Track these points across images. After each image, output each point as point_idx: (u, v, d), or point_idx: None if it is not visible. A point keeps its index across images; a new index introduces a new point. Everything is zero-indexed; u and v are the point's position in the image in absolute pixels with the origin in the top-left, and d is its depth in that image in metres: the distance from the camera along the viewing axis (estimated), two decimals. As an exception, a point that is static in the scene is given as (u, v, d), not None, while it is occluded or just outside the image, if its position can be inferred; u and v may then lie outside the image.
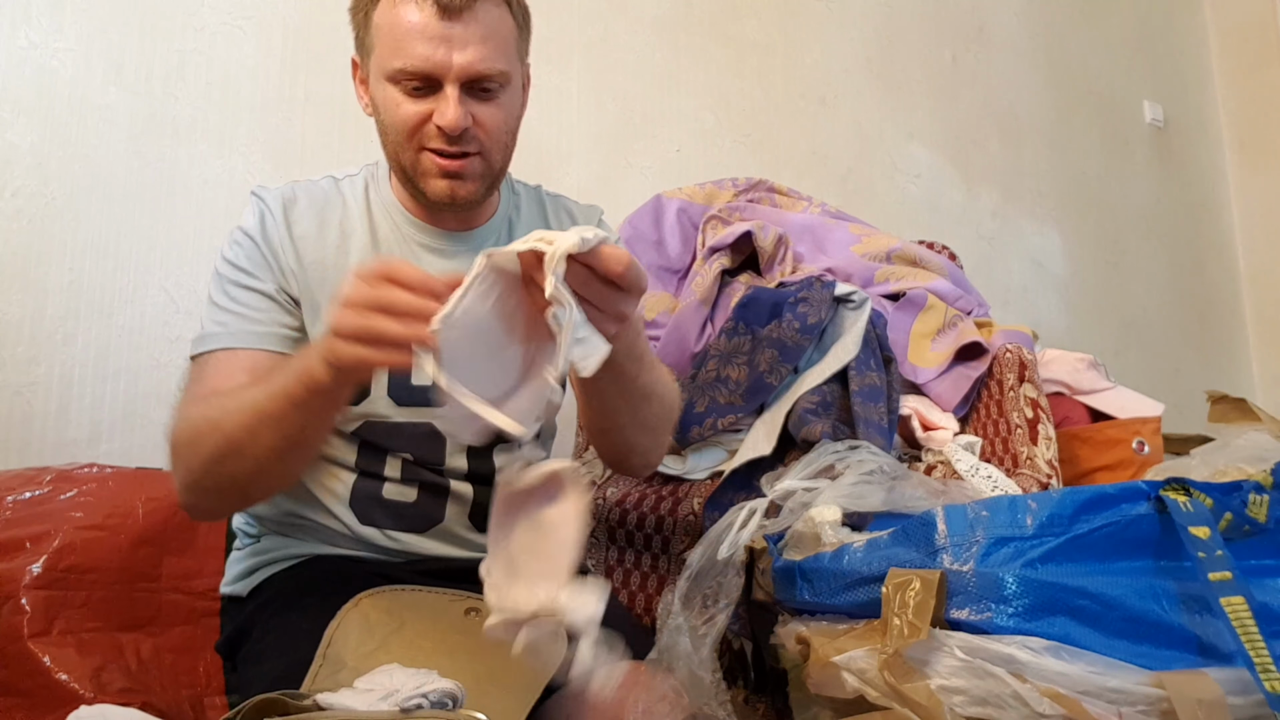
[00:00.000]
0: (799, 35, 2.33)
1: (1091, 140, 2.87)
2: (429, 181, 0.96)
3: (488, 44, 0.92)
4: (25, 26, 1.47)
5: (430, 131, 0.93)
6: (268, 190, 1.01)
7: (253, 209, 1.00)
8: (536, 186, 1.16)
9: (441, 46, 0.90)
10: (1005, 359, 1.46)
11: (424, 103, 0.93)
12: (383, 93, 0.94)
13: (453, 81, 0.91)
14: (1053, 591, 0.75)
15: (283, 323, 0.96)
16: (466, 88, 0.93)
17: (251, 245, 0.97)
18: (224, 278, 0.97)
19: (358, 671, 0.74)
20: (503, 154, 0.99)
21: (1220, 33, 3.25)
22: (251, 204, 1.00)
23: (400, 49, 0.91)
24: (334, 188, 1.04)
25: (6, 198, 1.43)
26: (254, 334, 0.94)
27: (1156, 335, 2.90)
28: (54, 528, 1.10)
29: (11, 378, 1.40)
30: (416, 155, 0.95)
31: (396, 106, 0.93)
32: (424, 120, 0.93)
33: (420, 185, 0.97)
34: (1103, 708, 0.69)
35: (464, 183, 0.96)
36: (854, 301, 1.45)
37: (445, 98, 0.92)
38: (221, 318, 0.95)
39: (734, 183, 1.84)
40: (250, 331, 0.94)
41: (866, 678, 0.81)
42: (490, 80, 0.93)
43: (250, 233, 0.98)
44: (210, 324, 0.95)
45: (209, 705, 1.12)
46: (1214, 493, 0.78)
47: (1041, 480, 1.30)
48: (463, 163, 0.95)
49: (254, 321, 0.95)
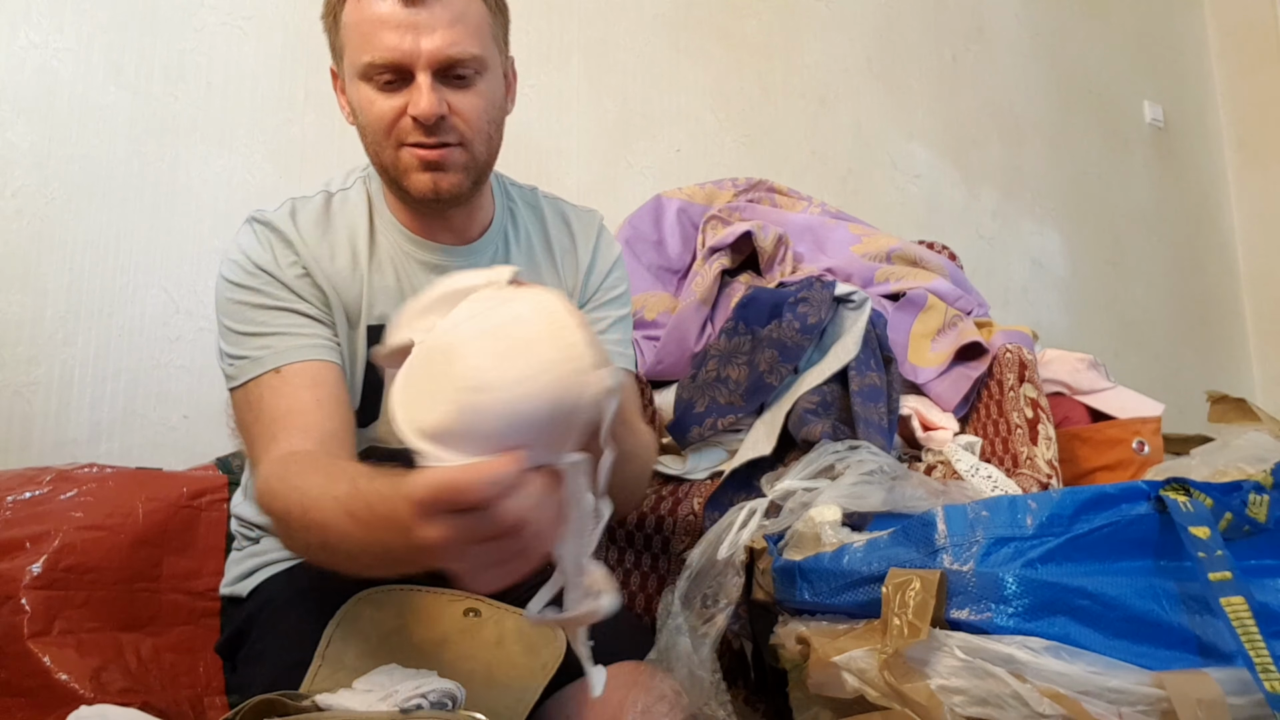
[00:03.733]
0: (799, 35, 2.33)
1: (1091, 140, 2.87)
2: (411, 177, 0.93)
3: (456, 27, 0.89)
4: (25, 26, 1.47)
5: (406, 126, 0.91)
6: (269, 215, 0.97)
7: (258, 238, 0.95)
8: (532, 189, 1.13)
9: (409, 34, 0.87)
10: (1005, 359, 1.46)
11: (397, 96, 0.90)
12: (357, 93, 0.92)
13: (424, 69, 0.89)
14: (1053, 591, 0.75)
15: (326, 335, 0.94)
16: (440, 76, 0.90)
17: (267, 278, 0.93)
18: (245, 305, 0.92)
19: (357, 672, 0.74)
20: (486, 145, 0.95)
21: (1220, 33, 3.25)
22: (255, 231, 0.96)
23: (368, 42, 0.89)
24: (334, 205, 1.00)
25: (6, 198, 1.43)
26: (303, 347, 0.91)
27: (1156, 335, 2.90)
28: (54, 528, 1.10)
29: (11, 378, 1.40)
30: (396, 153, 0.92)
31: (371, 104, 0.91)
32: (399, 115, 0.90)
33: (403, 184, 0.94)
34: (1103, 708, 0.69)
35: (446, 174, 0.93)
36: (854, 301, 1.45)
37: (417, 87, 0.89)
38: (261, 342, 0.90)
39: (734, 183, 1.84)
40: (298, 346, 0.91)
41: (866, 678, 0.81)
42: (463, 66, 0.90)
43: (264, 266, 0.93)
44: (250, 350, 0.90)
45: (209, 705, 1.12)
46: (1214, 493, 0.78)
47: (1041, 480, 1.30)
48: (442, 152, 0.92)
49: (300, 336, 0.92)
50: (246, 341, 0.91)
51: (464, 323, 0.61)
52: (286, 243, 0.95)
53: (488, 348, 0.58)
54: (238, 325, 0.92)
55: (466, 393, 0.56)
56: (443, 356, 0.59)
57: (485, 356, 0.57)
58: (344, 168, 1.06)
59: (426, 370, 0.60)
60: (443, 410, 0.57)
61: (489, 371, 0.57)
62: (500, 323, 0.59)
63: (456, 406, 0.56)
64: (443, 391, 0.57)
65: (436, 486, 0.54)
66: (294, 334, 0.91)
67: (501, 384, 0.56)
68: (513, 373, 0.57)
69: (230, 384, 0.92)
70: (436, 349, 0.61)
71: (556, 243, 1.09)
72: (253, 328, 0.91)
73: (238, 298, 0.93)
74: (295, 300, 0.93)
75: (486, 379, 0.56)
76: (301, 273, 0.94)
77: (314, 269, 0.95)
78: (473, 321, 0.61)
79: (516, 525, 0.56)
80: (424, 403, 0.58)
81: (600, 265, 1.09)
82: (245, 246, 0.95)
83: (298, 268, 0.94)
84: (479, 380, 0.56)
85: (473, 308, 0.62)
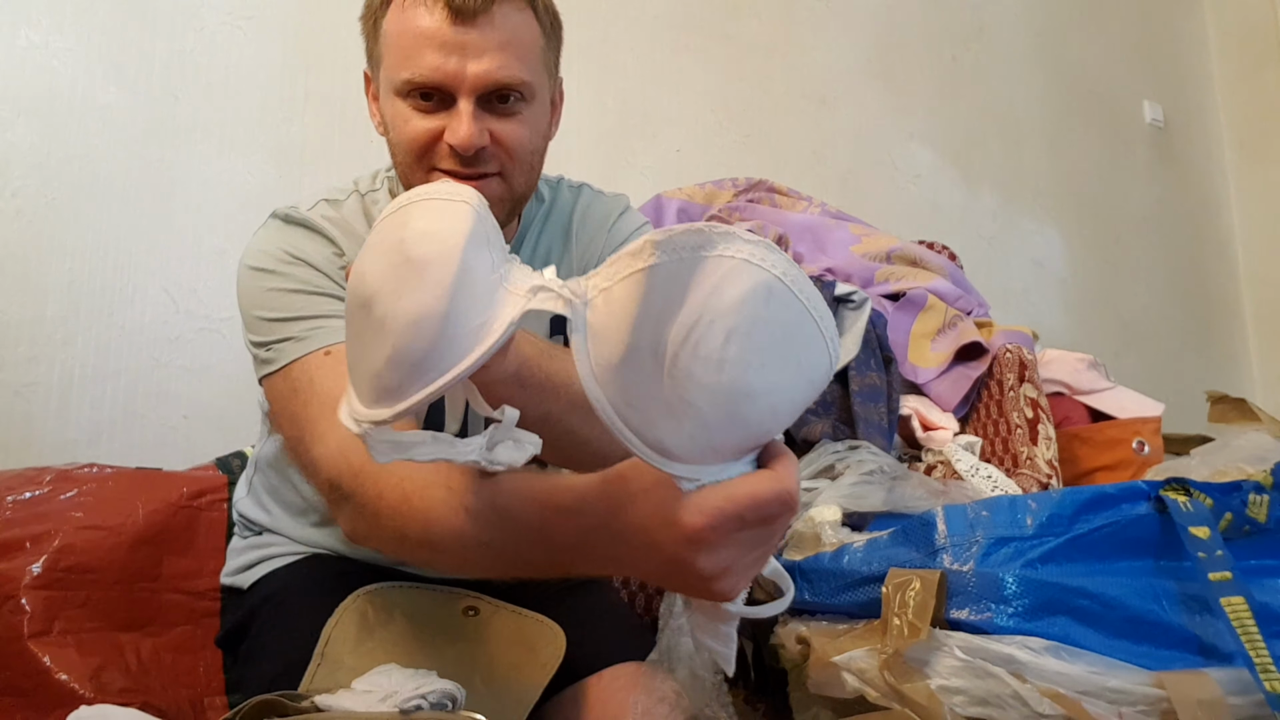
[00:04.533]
0: (799, 35, 2.33)
1: (1091, 140, 2.87)
2: None
3: (507, 51, 0.83)
4: (25, 27, 1.47)
5: (442, 150, 0.85)
6: (302, 213, 0.91)
7: (294, 231, 0.89)
8: (558, 179, 1.05)
9: (454, 55, 0.82)
10: (1005, 359, 1.46)
11: (435, 118, 0.84)
12: (392, 108, 0.86)
13: (467, 94, 0.83)
14: (1053, 591, 0.75)
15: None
16: (483, 101, 0.84)
17: (307, 266, 0.87)
18: (281, 291, 0.86)
19: (356, 671, 0.74)
20: (526, 176, 0.90)
21: (1220, 33, 3.25)
22: (288, 226, 0.90)
23: (409, 59, 0.83)
24: (368, 208, 0.95)
25: (6, 198, 1.43)
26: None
27: (1156, 335, 2.90)
28: (54, 528, 1.10)
29: (11, 378, 1.40)
30: (427, 176, 0.86)
31: (405, 122, 0.85)
32: (435, 138, 0.85)
33: None
34: (1103, 708, 0.69)
35: None
36: (854, 301, 1.45)
37: (458, 113, 0.83)
38: (306, 324, 0.84)
39: (734, 183, 1.84)
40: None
41: (866, 678, 0.81)
42: (510, 92, 0.85)
43: (302, 255, 0.87)
44: (293, 332, 0.84)
45: (209, 705, 1.11)
46: (1214, 493, 0.78)
47: (1041, 480, 1.30)
48: (477, 186, 0.84)
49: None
50: (286, 326, 0.84)
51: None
52: (327, 238, 0.90)
53: (750, 353, 0.48)
54: (273, 312, 0.85)
55: (741, 401, 0.49)
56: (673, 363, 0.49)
57: (751, 360, 0.48)
58: (365, 176, 1.01)
59: (644, 374, 0.50)
60: (702, 424, 0.50)
61: (767, 374, 0.49)
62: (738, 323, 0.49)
63: (727, 417, 0.49)
64: (694, 399, 0.49)
65: (740, 501, 0.50)
66: (341, 317, 0.83)
67: (778, 386, 0.49)
68: (774, 374, 0.49)
69: (267, 369, 0.85)
70: (646, 352, 0.50)
71: (576, 228, 1.03)
72: (291, 312, 0.85)
73: (271, 284, 0.86)
74: (337, 288, 0.87)
75: (765, 383, 0.49)
76: (343, 266, 0.88)
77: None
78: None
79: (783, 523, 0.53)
80: (661, 423, 0.50)
81: (614, 239, 1.03)
82: (278, 239, 0.89)
83: (339, 260, 0.89)
84: (757, 384, 0.49)
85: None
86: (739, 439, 0.51)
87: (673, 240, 0.48)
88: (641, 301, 0.48)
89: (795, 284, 0.49)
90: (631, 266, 0.49)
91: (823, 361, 0.51)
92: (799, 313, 0.49)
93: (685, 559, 0.51)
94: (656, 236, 0.48)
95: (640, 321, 0.48)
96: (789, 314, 0.49)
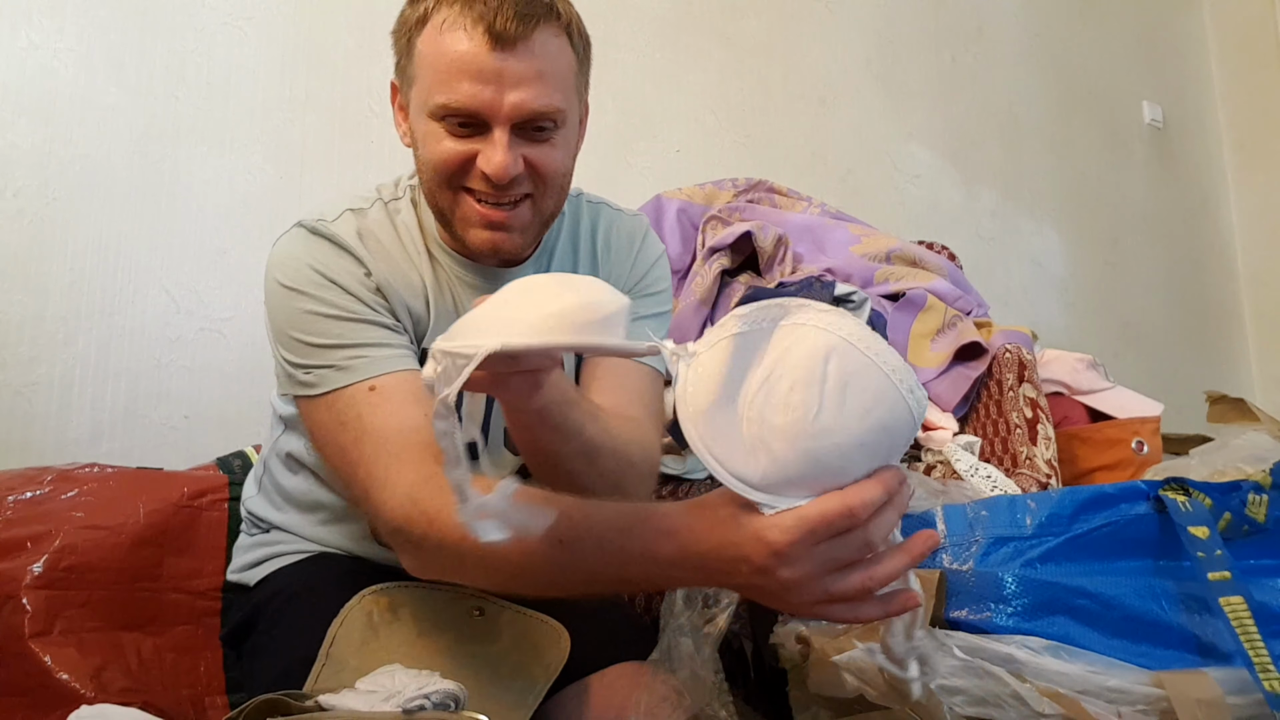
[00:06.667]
0: (799, 36, 2.33)
1: (1091, 140, 2.88)
2: (470, 231, 0.88)
3: (544, 80, 0.82)
4: (26, 27, 1.47)
5: (474, 174, 0.85)
6: (330, 227, 0.90)
7: (322, 250, 0.88)
8: (577, 194, 1.04)
9: (491, 85, 0.81)
10: (1005, 359, 1.46)
11: (468, 143, 0.84)
12: (423, 127, 0.86)
13: (503, 124, 0.82)
14: (1052, 591, 0.75)
15: (409, 347, 0.89)
16: (517, 128, 0.84)
17: (340, 291, 0.87)
18: (318, 315, 0.86)
19: (360, 671, 0.74)
20: (556, 198, 0.90)
21: (1220, 33, 3.26)
22: (316, 242, 0.89)
23: (445, 83, 0.82)
24: (393, 219, 0.95)
25: (7, 198, 1.43)
26: (393, 358, 0.85)
27: (1156, 335, 2.91)
28: (54, 528, 1.10)
29: (12, 378, 1.41)
30: (455, 197, 0.87)
31: (437, 144, 0.85)
32: (466, 161, 0.85)
33: (459, 232, 0.88)
34: (1102, 708, 0.70)
35: (510, 235, 0.87)
36: (854, 302, 1.45)
37: (493, 141, 0.83)
38: (349, 353, 0.85)
39: (734, 183, 1.84)
40: (388, 357, 0.85)
41: (866, 677, 0.81)
42: (545, 119, 0.84)
43: (335, 279, 0.87)
44: (335, 360, 0.85)
45: (210, 705, 1.12)
46: (1213, 493, 0.78)
47: (1041, 480, 1.30)
48: (508, 214, 0.86)
49: (387, 348, 0.86)
50: (326, 353, 0.85)
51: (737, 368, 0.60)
52: (355, 257, 0.89)
53: (811, 399, 0.57)
54: (311, 336, 0.86)
55: (806, 439, 0.57)
56: (749, 404, 0.59)
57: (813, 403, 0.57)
58: (388, 184, 1.00)
59: (727, 413, 0.59)
60: (774, 459, 0.58)
61: (825, 416, 0.57)
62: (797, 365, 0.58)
63: (797, 454, 0.58)
64: (767, 439, 0.58)
65: (811, 519, 0.58)
66: (381, 346, 0.86)
67: (839, 427, 0.57)
68: (834, 417, 0.57)
69: (305, 391, 0.86)
70: (731, 401, 0.59)
71: (601, 251, 1.04)
72: (330, 339, 0.85)
73: (307, 307, 0.86)
74: (372, 313, 0.88)
75: (825, 424, 0.57)
76: (374, 287, 0.89)
77: (385, 284, 0.90)
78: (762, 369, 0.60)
79: (873, 543, 0.60)
80: (742, 458, 0.59)
81: (640, 268, 1.05)
82: (304, 254, 0.88)
83: (370, 282, 0.89)
84: (818, 426, 0.57)
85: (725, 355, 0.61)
86: (811, 474, 0.59)
87: (754, 313, 0.60)
88: (728, 362, 0.59)
89: (862, 343, 0.58)
90: (721, 334, 0.61)
91: (898, 411, 0.58)
92: (863, 366, 0.57)
93: (770, 568, 0.60)
94: (742, 311, 0.61)
95: (728, 377, 0.59)
96: (851, 367, 0.57)
